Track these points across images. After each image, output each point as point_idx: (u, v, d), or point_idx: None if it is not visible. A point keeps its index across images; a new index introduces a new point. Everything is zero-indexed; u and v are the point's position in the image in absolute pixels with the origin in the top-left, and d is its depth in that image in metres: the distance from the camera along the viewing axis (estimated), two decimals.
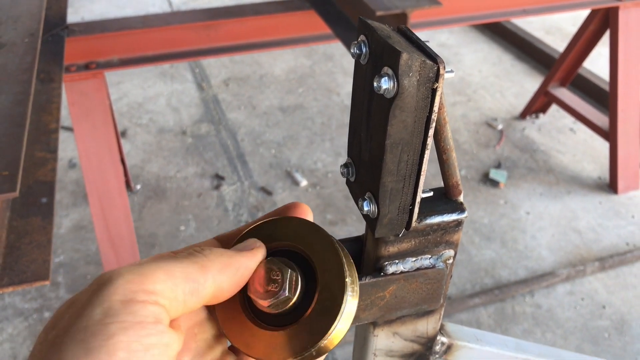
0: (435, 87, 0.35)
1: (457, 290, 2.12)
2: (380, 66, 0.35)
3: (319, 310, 0.38)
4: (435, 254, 0.45)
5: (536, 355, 0.61)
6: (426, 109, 0.36)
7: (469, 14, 2.14)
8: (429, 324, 0.50)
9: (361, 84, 0.39)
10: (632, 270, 2.21)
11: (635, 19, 2.37)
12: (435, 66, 0.34)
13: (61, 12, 1.91)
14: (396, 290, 0.45)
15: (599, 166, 2.72)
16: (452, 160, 0.42)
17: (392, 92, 0.35)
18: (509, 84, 3.39)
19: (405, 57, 0.33)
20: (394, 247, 0.43)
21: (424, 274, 0.45)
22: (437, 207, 0.44)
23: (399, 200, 0.40)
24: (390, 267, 0.44)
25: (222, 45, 1.99)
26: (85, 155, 1.95)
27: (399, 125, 0.36)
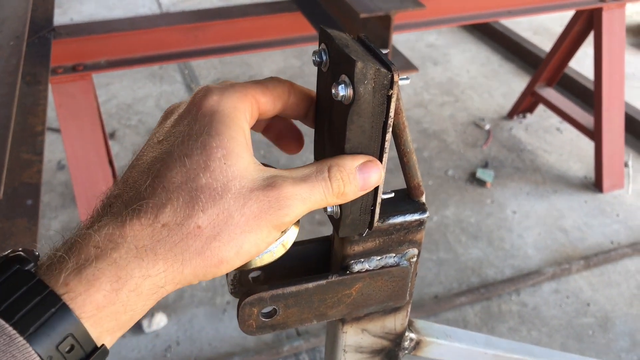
0: (390, 93, 0.37)
1: (444, 289, 2.14)
2: (338, 74, 0.37)
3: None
4: (399, 253, 0.47)
5: (505, 350, 0.63)
6: (383, 114, 0.37)
7: (454, 15, 2.16)
8: (397, 320, 0.52)
9: (323, 90, 0.41)
10: (616, 268, 2.24)
11: (619, 20, 2.40)
12: (390, 74, 0.36)
13: (48, 15, 1.91)
14: (362, 288, 0.47)
15: (585, 165, 2.75)
16: (412, 163, 0.44)
17: (349, 99, 0.36)
18: (497, 84, 3.42)
19: (360, 66, 0.35)
20: (359, 246, 0.45)
21: (388, 272, 0.47)
22: (400, 208, 0.45)
23: (361, 202, 0.41)
24: (356, 265, 0.46)
25: (211, 47, 2.01)
26: (73, 156, 1.95)
27: (357, 130, 0.38)
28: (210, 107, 0.38)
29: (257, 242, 0.37)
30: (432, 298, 2.10)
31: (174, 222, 0.35)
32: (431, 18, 2.09)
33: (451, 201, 2.53)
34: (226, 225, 0.36)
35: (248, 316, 0.44)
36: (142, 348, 1.91)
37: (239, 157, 0.37)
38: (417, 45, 3.78)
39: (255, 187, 0.36)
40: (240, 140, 0.37)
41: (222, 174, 0.36)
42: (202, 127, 0.37)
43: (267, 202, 0.36)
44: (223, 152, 0.36)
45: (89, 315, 0.33)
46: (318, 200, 0.39)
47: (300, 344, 1.90)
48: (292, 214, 0.38)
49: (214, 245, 0.35)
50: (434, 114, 3.13)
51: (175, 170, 0.36)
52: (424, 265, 2.23)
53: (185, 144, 0.36)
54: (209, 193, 0.35)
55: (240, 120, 0.38)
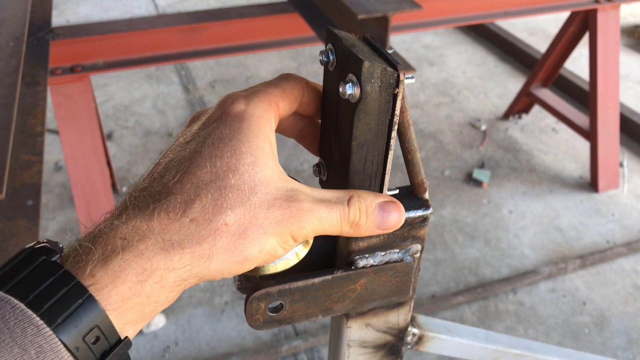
0: (396, 92, 0.38)
1: (442, 289, 2.16)
2: (345, 73, 0.38)
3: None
4: (403, 249, 0.48)
5: (505, 346, 0.64)
6: (388, 112, 0.39)
7: (450, 17, 2.17)
8: (400, 315, 0.53)
9: (329, 89, 0.42)
10: (612, 267, 2.25)
11: (613, 21, 2.42)
12: (396, 73, 0.37)
13: (46, 16, 1.92)
14: (367, 283, 0.48)
15: (580, 165, 2.77)
16: (416, 160, 0.45)
17: (356, 97, 0.37)
18: (493, 85, 3.44)
19: (367, 65, 0.36)
20: (363, 242, 0.46)
21: (392, 267, 0.48)
22: (404, 204, 0.46)
23: None
24: (360, 261, 0.47)
25: (207, 48, 2.01)
26: (71, 157, 1.96)
27: (364, 127, 0.38)
28: (239, 114, 0.39)
29: (276, 245, 0.39)
30: (429, 297, 2.11)
31: (203, 218, 0.36)
32: (428, 19, 2.11)
33: (448, 201, 2.54)
34: (251, 225, 0.37)
35: (255, 311, 0.45)
36: (140, 349, 1.91)
37: (266, 166, 0.38)
38: (413, 46, 3.79)
39: (279, 195, 0.38)
40: (267, 149, 0.39)
41: (250, 177, 0.37)
42: (232, 132, 0.38)
43: (289, 211, 0.38)
44: (252, 159, 0.38)
45: (114, 307, 0.33)
46: (333, 224, 0.40)
47: (298, 343, 1.91)
48: (308, 228, 0.39)
49: (239, 242, 0.37)
50: (430, 114, 3.15)
51: (206, 170, 0.37)
52: (422, 265, 2.24)
53: (216, 146, 0.38)
54: (237, 193, 0.37)
55: (266, 130, 0.40)
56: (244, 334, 1.97)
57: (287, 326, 1.99)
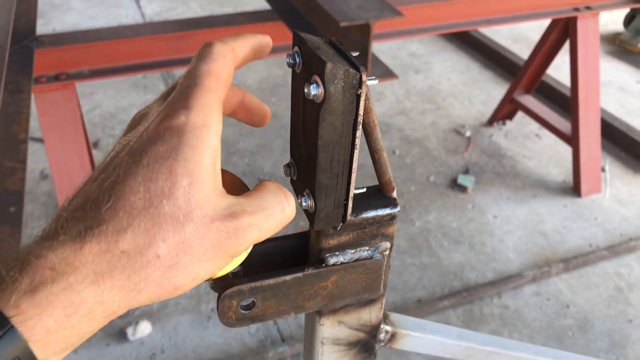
0: (359, 92, 0.39)
1: (427, 293, 2.17)
2: (310, 74, 0.39)
3: None
4: (372, 246, 0.49)
5: (478, 343, 0.65)
6: (353, 112, 0.40)
7: (433, 24, 2.20)
8: (372, 312, 0.54)
9: (297, 90, 0.44)
10: (595, 270, 2.28)
11: (593, 28, 2.46)
12: (358, 74, 0.38)
13: (30, 24, 1.92)
14: (337, 280, 0.49)
15: (563, 170, 2.81)
16: (383, 160, 0.46)
17: (320, 97, 0.39)
18: (477, 91, 3.48)
19: (330, 66, 0.37)
20: (334, 240, 0.47)
21: (362, 265, 0.49)
22: (372, 203, 0.48)
23: (334, 196, 0.43)
24: (331, 258, 0.48)
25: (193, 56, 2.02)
26: (56, 165, 1.96)
27: (329, 127, 0.40)
28: (178, 128, 0.37)
29: (212, 269, 0.38)
30: (415, 302, 2.13)
31: (134, 250, 0.35)
32: (410, 27, 2.13)
33: (433, 206, 2.56)
34: (185, 255, 0.36)
35: (227, 308, 0.46)
36: (126, 356, 1.91)
37: (203, 185, 0.37)
38: (399, 54, 3.83)
39: (217, 216, 0.37)
40: (207, 164, 0.37)
41: (185, 202, 0.36)
42: (169, 150, 0.36)
43: (226, 233, 0.37)
44: (188, 181, 0.36)
45: (38, 339, 0.32)
46: (272, 229, 0.40)
47: (284, 349, 1.91)
48: (247, 244, 0.39)
49: (171, 274, 0.36)
50: (415, 121, 3.18)
51: (139, 196, 0.36)
52: (407, 269, 2.26)
53: (151, 167, 0.36)
54: (171, 222, 0.35)
55: (209, 140, 0.37)
56: (230, 340, 1.97)
57: (274, 332, 1.99)
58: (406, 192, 2.64)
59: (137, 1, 4.66)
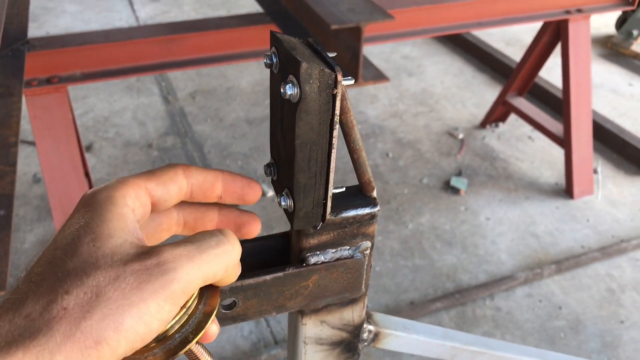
0: (335, 92, 0.39)
1: (420, 295, 2.17)
2: (287, 74, 0.40)
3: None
4: (353, 245, 0.49)
5: (463, 343, 0.65)
6: (329, 112, 0.40)
7: (424, 27, 2.21)
8: (354, 312, 0.54)
9: (274, 90, 0.44)
10: (586, 272, 2.29)
11: (584, 31, 2.48)
12: (333, 74, 0.39)
13: (22, 27, 1.92)
14: (319, 280, 0.49)
15: (556, 172, 2.82)
16: (362, 160, 0.47)
17: (296, 97, 0.39)
18: (470, 94, 3.49)
19: (305, 66, 0.38)
20: (314, 239, 0.48)
21: (343, 264, 0.49)
22: (352, 202, 0.48)
23: (313, 195, 0.44)
24: (312, 258, 0.48)
25: (186, 59, 2.03)
26: (48, 169, 1.95)
27: (306, 127, 0.40)
28: (85, 202, 0.38)
29: (142, 317, 0.33)
30: (408, 304, 2.13)
31: (36, 311, 0.32)
32: (402, 30, 2.14)
33: (426, 209, 2.57)
34: (98, 302, 0.32)
35: None
36: None
37: (110, 237, 0.35)
38: (392, 56, 3.84)
39: (130, 259, 0.34)
40: (114, 223, 0.36)
41: (90, 255, 0.34)
42: (75, 221, 0.37)
43: (146, 271, 0.33)
44: (92, 236, 0.35)
45: None
46: (212, 259, 0.37)
47: (278, 352, 1.91)
48: (181, 279, 0.34)
49: (84, 325, 0.32)
50: (408, 123, 3.18)
51: (42, 263, 0.34)
52: (400, 271, 2.27)
53: (59, 238, 0.36)
54: (75, 275, 0.33)
55: (114, 206, 0.37)
56: (223, 343, 1.96)
57: (267, 335, 1.99)
58: (399, 195, 2.65)
59: (131, 5, 4.66)
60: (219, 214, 0.47)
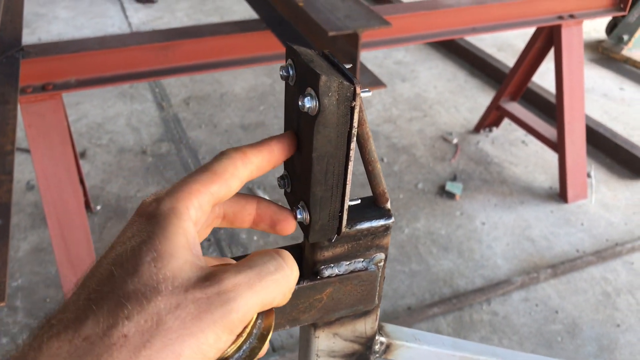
0: (353, 105, 0.39)
1: (417, 300, 2.17)
2: (304, 87, 0.40)
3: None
4: (367, 258, 0.49)
5: (472, 352, 0.65)
6: (347, 124, 0.40)
7: (420, 33, 2.22)
8: (367, 324, 0.54)
9: (290, 103, 0.44)
10: (582, 275, 2.30)
11: (577, 36, 2.50)
12: (352, 86, 0.39)
13: (16, 34, 1.90)
14: (332, 293, 0.49)
15: (550, 176, 2.84)
16: (377, 171, 0.47)
17: (315, 110, 0.39)
18: (463, 99, 3.50)
19: (324, 79, 0.38)
20: (328, 252, 0.47)
21: (357, 277, 0.49)
22: (367, 214, 0.48)
23: (329, 208, 0.43)
24: (326, 270, 0.48)
25: (181, 65, 2.02)
26: (43, 176, 1.93)
27: (323, 139, 0.40)
28: (147, 213, 0.37)
29: (201, 347, 0.32)
30: (405, 309, 2.13)
31: (96, 334, 0.31)
32: (398, 36, 2.15)
33: (422, 214, 2.57)
34: (158, 331, 0.32)
35: None
36: None
37: (172, 257, 0.34)
38: (385, 62, 3.85)
39: (191, 285, 0.33)
40: (177, 240, 0.35)
41: (151, 277, 0.33)
42: (135, 233, 0.36)
43: (206, 300, 0.33)
44: (153, 255, 0.34)
45: None
46: (271, 287, 0.36)
47: (276, 359, 1.90)
48: (240, 309, 0.34)
49: (143, 354, 0.31)
50: (402, 129, 3.19)
51: (103, 281, 0.34)
52: (397, 277, 2.26)
53: (117, 252, 0.35)
54: (135, 299, 0.32)
55: (178, 220, 0.36)
56: None
57: None
58: (394, 200, 2.65)
59: (123, 10, 4.65)
60: (257, 208, 0.46)
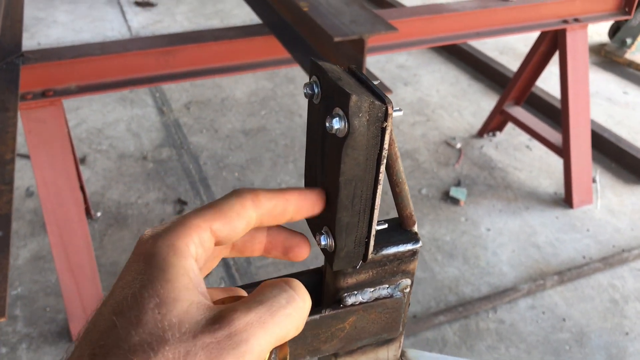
0: (385, 126, 0.36)
1: (422, 309, 2.14)
2: (331, 107, 0.37)
3: None
4: (392, 284, 0.46)
5: None
6: (377, 146, 0.37)
7: (424, 37, 2.20)
8: (390, 351, 0.51)
9: (315, 122, 0.41)
10: (589, 282, 2.27)
11: (582, 40, 2.48)
12: (384, 106, 0.36)
13: (16, 40, 1.88)
14: (356, 321, 0.46)
15: (554, 181, 2.81)
16: (405, 193, 0.44)
17: (344, 131, 0.36)
18: (466, 103, 3.48)
19: (355, 99, 0.35)
20: (352, 279, 0.44)
21: (382, 304, 0.46)
22: (393, 238, 0.45)
23: (355, 234, 0.41)
24: (349, 298, 0.45)
25: (182, 71, 1.99)
26: (43, 183, 1.91)
27: (352, 162, 0.37)
28: (145, 252, 0.35)
29: None
30: (411, 318, 2.10)
31: None
32: (402, 40, 2.12)
33: (426, 220, 2.55)
34: None
35: None
36: None
37: (177, 302, 0.32)
38: (387, 66, 3.83)
39: (200, 330, 0.32)
40: (179, 281, 0.33)
41: (156, 326, 0.31)
42: (135, 276, 0.34)
43: (217, 345, 0.31)
44: (156, 301, 0.32)
45: None
46: (284, 322, 0.34)
47: None
48: (254, 350, 0.32)
49: None
50: (405, 133, 3.17)
51: (106, 333, 0.32)
52: None
53: (118, 299, 0.33)
54: (142, 351, 0.31)
55: (179, 259, 0.34)
56: None
57: None
58: None
59: (123, 14, 4.62)
60: (268, 235, 0.43)
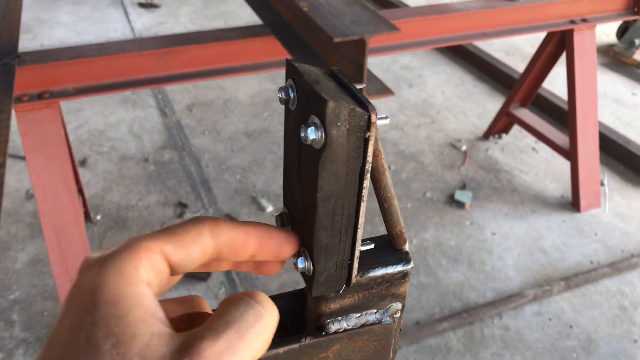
0: (368, 136, 0.32)
1: (426, 315, 2.10)
2: (307, 114, 0.33)
3: None
4: (381, 308, 0.42)
5: None
6: (359, 159, 0.33)
7: (428, 38, 2.15)
8: None
9: (291, 130, 0.37)
10: (597, 288, 2.22)
11: (590, 41, 2.42)
12: (366, 114, 0.32)
13: (13, 41, 1.85)
14: (340, 350, 0.42)
15: (561, 185, 2.76)
16: (394, 209, 0.39)
17: (321, 142, 0.32)
18: (472, 104, 3.43)
19: (332, 106, 0.31)
20: (335, 304, 0.40)
21: (369, 331, 0.42)
22: (381, 258, 0.40)
23: (336, 256, 0.37)
24: (332, 325, 0.41)
25: (183, 72, 1.96)
26: (39, 187, 1.88)
27: (330, 177, 0.33)
28: (90, 285, 0.31)
29: None
30: (414, 324, 2.05)
31: None
32: (406, 41, 2.08)
33: (430, 224, 2.50)
34: None
35: None
36: None
37: (135, 337, 0.30)
38: (392, 67, 3.78)
39: None
40: (133, 315, 0.30)
41: None
42: (84, 315, 0.30)
43: None
44: (113, 341, 0.29)
45: None
46: (253, 343, 0.32)
47: None
48: None
49: None
50: (410, 135, 3.12)
51: None
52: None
53: (66, 343, 0.30)
54: None
55: (130, 287, 0.31)
56: None
57: None
58: (402, 209, 2.58)
59: (126, 15, 4.60)
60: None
